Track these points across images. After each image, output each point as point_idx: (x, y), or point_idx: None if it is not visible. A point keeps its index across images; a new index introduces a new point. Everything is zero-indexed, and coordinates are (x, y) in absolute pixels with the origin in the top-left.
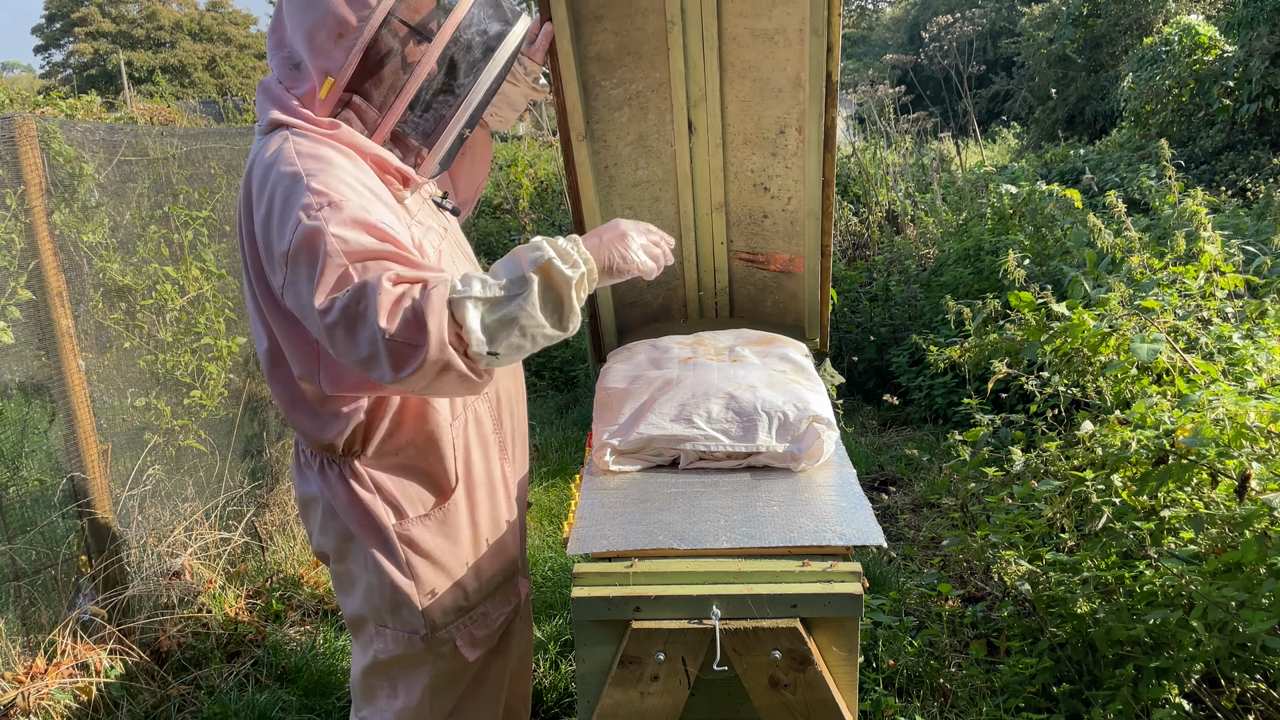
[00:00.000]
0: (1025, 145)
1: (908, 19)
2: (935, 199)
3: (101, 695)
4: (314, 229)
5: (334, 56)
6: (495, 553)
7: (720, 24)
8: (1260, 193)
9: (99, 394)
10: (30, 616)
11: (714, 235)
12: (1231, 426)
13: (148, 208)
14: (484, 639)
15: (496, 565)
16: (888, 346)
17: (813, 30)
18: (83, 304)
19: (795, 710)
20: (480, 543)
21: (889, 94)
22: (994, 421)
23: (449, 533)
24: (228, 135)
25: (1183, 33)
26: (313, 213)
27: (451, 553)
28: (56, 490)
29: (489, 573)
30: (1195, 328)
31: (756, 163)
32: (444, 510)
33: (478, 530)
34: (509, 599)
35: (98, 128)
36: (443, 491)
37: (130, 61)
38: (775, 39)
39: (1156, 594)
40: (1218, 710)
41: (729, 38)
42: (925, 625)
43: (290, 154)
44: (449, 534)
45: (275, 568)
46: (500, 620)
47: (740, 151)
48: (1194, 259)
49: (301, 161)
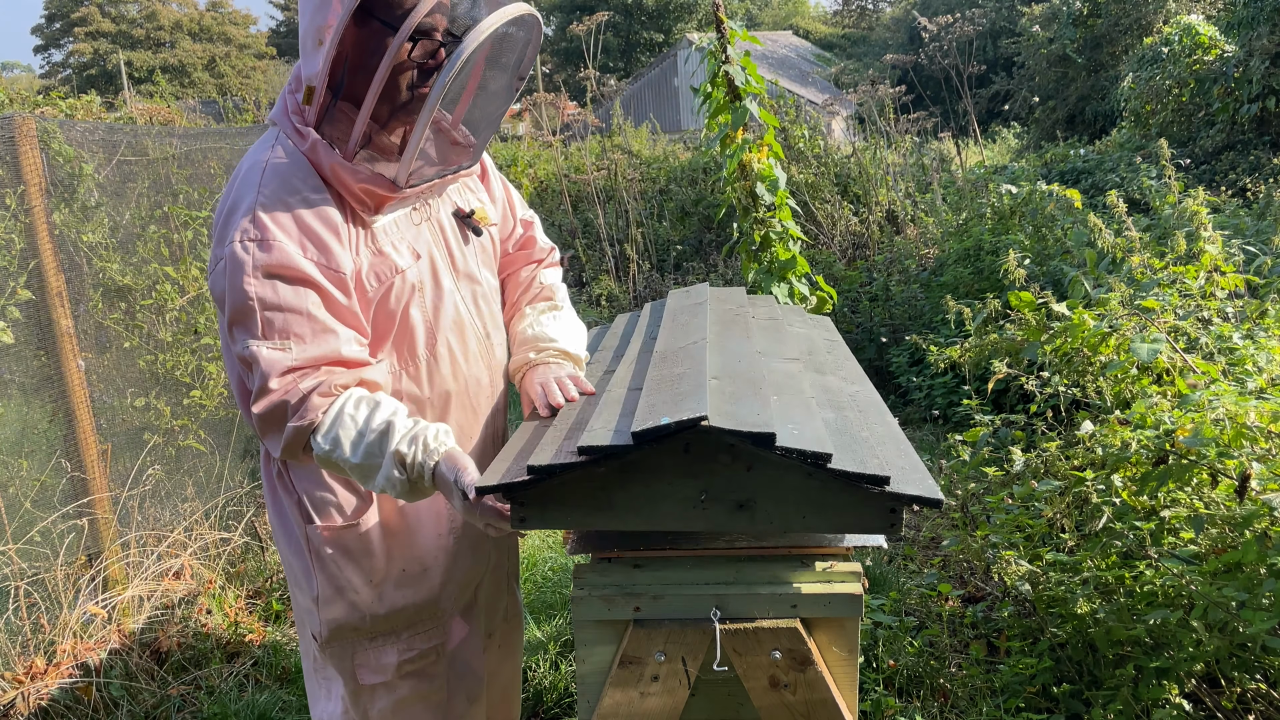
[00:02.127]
0: (1025, 145)
1: (908, 19)
2: (935, 199)
3: (101, 695)
4: (238, 261)
5: (314, 62)
6: (411, 587)
7: None
8: (1260, 193)
9: (99, 394)
10: (30, 616)
11: None
12: (1232, 426)
13: (147, 207)
14: (389, 668)
15: (409, 599)
16: (888, 346)
17: None
18: (82, 304)
19: (795, 710)
20: (393, 572)
21: (889, 94)
22: (994, 421)
23: (356, 552)
24: (227, 135)
25: (1183, 33)
26: (245, 242)
27: (356, 572)
28: (56, 490)
29: (398, 604)
30: (1195, 328)
31: None
32: (356, 529)
33: (391, 558)
34: (428, 637)
35: (97, 128)
36: (358, 510)
37: (130, 61)
38: None
39: (1157, 594)
40: (1218, 710)
41: None
42: (925, 625)
43: (258, 168)
44: (356, 553)
45: (275, 568)
46: (415, 655)
47: None
48: (1194, 259)
49: (262, 184)
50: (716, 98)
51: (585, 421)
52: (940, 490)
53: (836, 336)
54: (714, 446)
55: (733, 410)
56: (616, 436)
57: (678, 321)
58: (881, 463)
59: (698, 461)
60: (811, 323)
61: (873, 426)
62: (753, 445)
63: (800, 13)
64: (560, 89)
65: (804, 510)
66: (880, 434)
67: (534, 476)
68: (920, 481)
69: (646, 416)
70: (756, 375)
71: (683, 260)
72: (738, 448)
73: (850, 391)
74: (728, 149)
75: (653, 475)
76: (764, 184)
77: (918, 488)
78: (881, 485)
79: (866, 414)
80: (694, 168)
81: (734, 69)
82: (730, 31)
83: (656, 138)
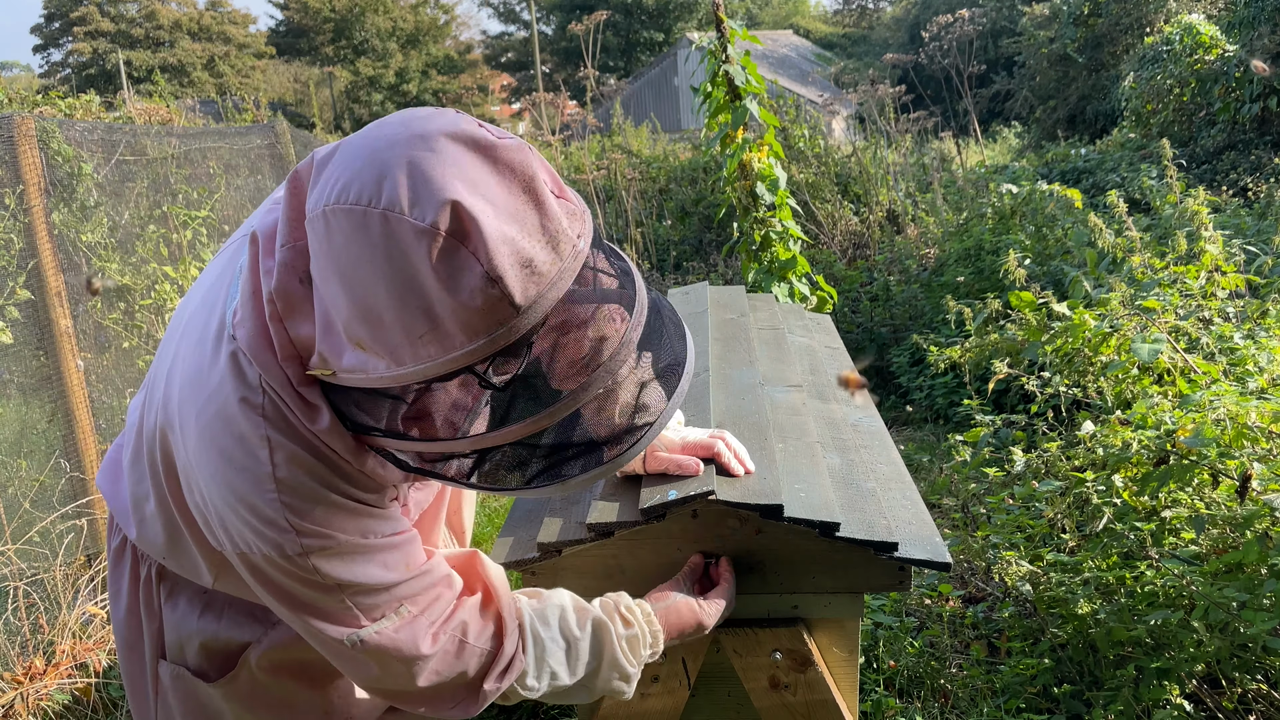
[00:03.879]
0: (1026, 145)
1: (908, 18)
2: (936, 199)
3: (100, 696)
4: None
5: (344, 356)
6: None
7: None
8: (1261, 192)
9: (98, 394)
10: (29, 617)
11: None
12: (1233, 427)
13: (146, 207)
14: None
15: None
16: (888, 346)
17: None
18: (81, 304)
19: (796, 711)
20: None
21: (889, 93)
22: (994, 422)
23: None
24: (226, 135)
25: (1184, 32)
26: (295, 557)
27: None
28: (55, 490)
29: None
30: (1196, 328)
31: None
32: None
33: None
34: None
35: (96, 127)
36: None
37: (129, 61)
38: None
39: (1157, 595)
40: (1219, 711)
41: None
42: (926, 626)
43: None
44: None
45: None
46: None
47: None
48: (1195, 259)
49: (280, 492)
50: (716, 97)
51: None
52: (947, 550)
53: (837, 342)
54: (722, 513)
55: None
56: (623, 512)
57: None
58: (889, 524)
59: (706, 528)
60: (812, 327)
61: (878, 467)
62: (761, 516)
63: (800, 12)
64: (560, 88)
65: (813, 571)
66: (886, 475)
67: (542, 554)
68: (927, 541)
69: (653, 492)
70: (761, 419)
71: (683, 260)
72: (746, 514)
73: (854, 421)
74: (728, 148)
75: (662, 543)
76: (764, 183)
77: (925, 550)
78: (890, 552)
79: (872, 450)
80: (694, 167)
81: (734, 68)
82: (730, 31)
83: (656, 137)
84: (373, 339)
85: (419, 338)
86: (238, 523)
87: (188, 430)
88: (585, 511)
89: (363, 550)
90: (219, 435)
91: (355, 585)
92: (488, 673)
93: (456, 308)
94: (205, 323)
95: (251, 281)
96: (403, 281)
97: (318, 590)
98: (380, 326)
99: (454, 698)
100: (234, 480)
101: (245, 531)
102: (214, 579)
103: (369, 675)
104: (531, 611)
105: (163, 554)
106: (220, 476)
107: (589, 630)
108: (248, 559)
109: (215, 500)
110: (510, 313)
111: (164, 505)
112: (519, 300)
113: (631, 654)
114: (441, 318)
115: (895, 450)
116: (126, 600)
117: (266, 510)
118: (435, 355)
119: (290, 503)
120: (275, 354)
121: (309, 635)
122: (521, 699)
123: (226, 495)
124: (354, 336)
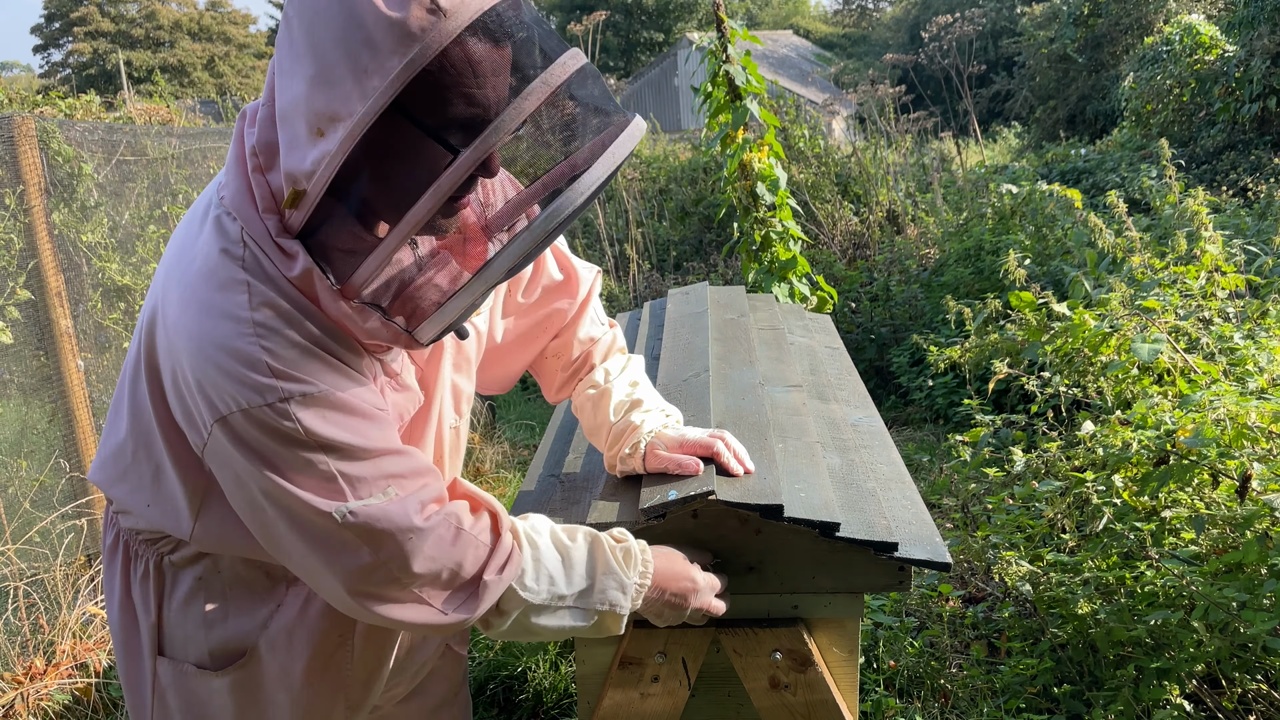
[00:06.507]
0: (1026, 145)
1: (908, 19)
2: (936, 199)
3: (100, 696)
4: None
5: (305, 156)
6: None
7: None
8: (1261, 193)
9: (98, 394)
10: (29, 617)
11: None
12: (1233, 427)
13: (146, 207)
14: None
15: None
16: (888, 346)
17: None
18: (81, 304)
19: (796, 711)
20: None
21: (889, 93)
22: (994, 422)
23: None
24: (226, 135)
25: (1183, 32)
26: (275, 404)
27: None
28: (56, 490)
29: None
30: (1196, 328)
31: None
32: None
33: None
34: None
35: (96, 127)
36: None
37: (129, 61)
38: None
39: (1157, 595)
40: (1219, 711)
41: None
42: (926, 626)
43: (233, 321)
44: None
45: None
46: None
47: None
48: (1195, 259)
49: (259, 335)
50: (717, 97)
51: (591, 483)
52: (947, 550)
53: (837, 342)
54: (722, 513)
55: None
56: (623, 512)
57: (679, 339)
58: (889, 523)
59: (706, 528)
60: (812, 327)
61: (878, 467)
62: (761, 516)
63: (800, 12)
64: None
65: (813, 571)
66: (886, 475)
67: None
68: (927, 541)
69: (653, 492)
70: (761, 419)
71: (683, 260)
72: (746, 514)
73: (854, 421)
74: (728, 148)
75: (662, 543)
76: (764, 184)
77: (925, 550)
78: (890, 551)
79: (872, 450)
80: (694, 167)
81: (734, 68)
82: (730, 31)
83: (656, 137)
84: (329, 101)
85: (363, 71)
86: (217, 375)
87: (170, 302)
88: (585, 511)
89: (344, 408)
90: (199, 289)
91: (339, 447)
92: (487, 564)
93: (391, 24)
94: (191, 216)
95: (236, 149)
96: (347, 17)
97: (301, 449)
98: (333, 82)
99: (455, 595)
100: (214, 329)
101: (225, 384)
102: (194, 519)
103: (361, 565)
104: (522, 525)
105: (147, 501)
106: (200, 329)
107: (581, 540)
108: (229, 425)
109: (195, 359)
110: (435, 18)
111: (141, 433)
112: (444, 4)
113: (626, 564)
114: (378, 42)
115: (895, 450)
116: (120, 597)
117: (246, 351)
118: (378, 85)
119: (269, 347)
120: (256, 207)
121: (297, 525)
122: (523, 606)
123: (206, 347)
124: (314, 119)
